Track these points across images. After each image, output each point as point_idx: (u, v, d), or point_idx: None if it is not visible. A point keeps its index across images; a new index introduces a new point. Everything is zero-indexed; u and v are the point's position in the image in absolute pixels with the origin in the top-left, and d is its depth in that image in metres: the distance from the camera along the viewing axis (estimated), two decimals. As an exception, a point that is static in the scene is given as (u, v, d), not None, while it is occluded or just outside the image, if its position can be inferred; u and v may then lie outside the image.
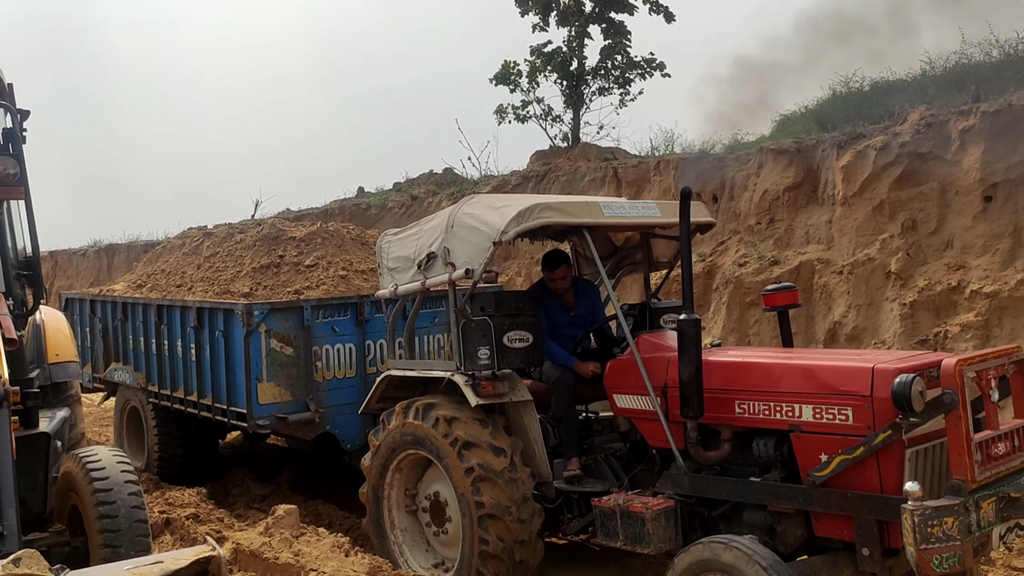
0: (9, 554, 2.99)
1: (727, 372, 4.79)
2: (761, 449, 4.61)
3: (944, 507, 3.79)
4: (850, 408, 4.23)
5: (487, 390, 5.28)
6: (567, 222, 5.47)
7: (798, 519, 4.47)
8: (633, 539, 4.73)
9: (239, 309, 7.24)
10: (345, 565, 4.70)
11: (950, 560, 3.78)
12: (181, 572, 2.58)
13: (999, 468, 4.04)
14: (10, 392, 3.36)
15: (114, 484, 3.84)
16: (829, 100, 12.25)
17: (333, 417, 7.30)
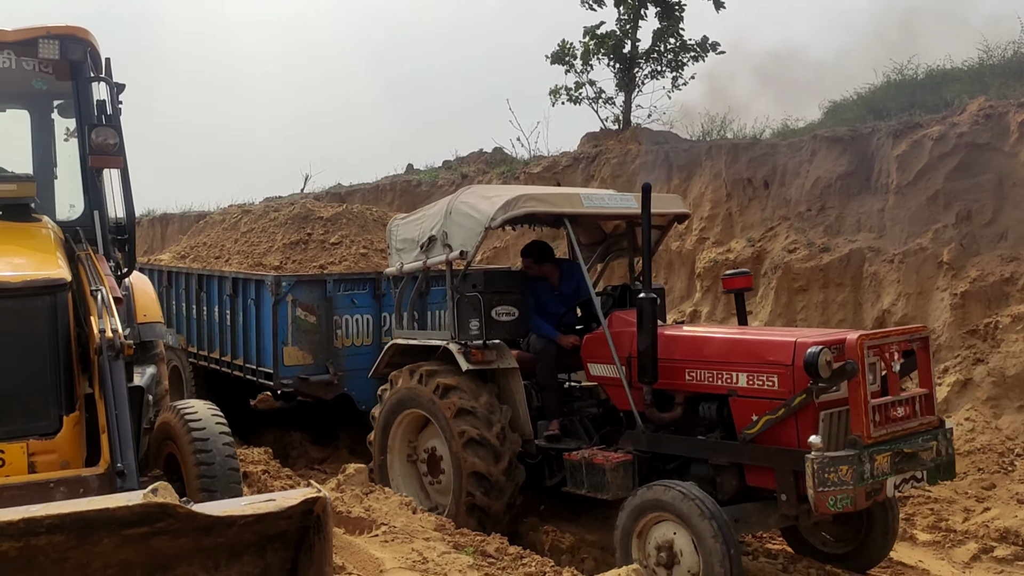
0: (129, 489, 3.32)
1: (680, 344, 5.53)
2: (706, 411, 5.35)
3: (840, 457, 4.52)
4: (776, 375, 4.94)
5: (477, 357, 6.02)
6: (549, 211, 6.23)
7: (734, 471, 5.19)
8: (595, 487, 5.44)
9: (269, 280, 8.07)
10: (413, 521, 4.99)
11: (843, 501, 4.49)
12: (292, 508, 2.85)
13: (896, 428, 4.77)
14: (125, 345, 3.67)
15: (210, 434, 4.15)
16: (882, 87, 12.20)
17: (351, 379, 8.10)
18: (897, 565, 5.65)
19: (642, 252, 5.68)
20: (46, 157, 6.31)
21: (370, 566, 4.26)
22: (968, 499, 6.69)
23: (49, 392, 3.74)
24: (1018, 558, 5.56)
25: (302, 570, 3.09)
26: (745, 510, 5.04)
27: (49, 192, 6.29)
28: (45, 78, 5.28)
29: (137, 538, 2.70)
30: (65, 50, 4.99)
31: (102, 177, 5.20)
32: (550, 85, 17.08)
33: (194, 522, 2.71)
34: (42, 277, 3.85)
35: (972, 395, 7.89)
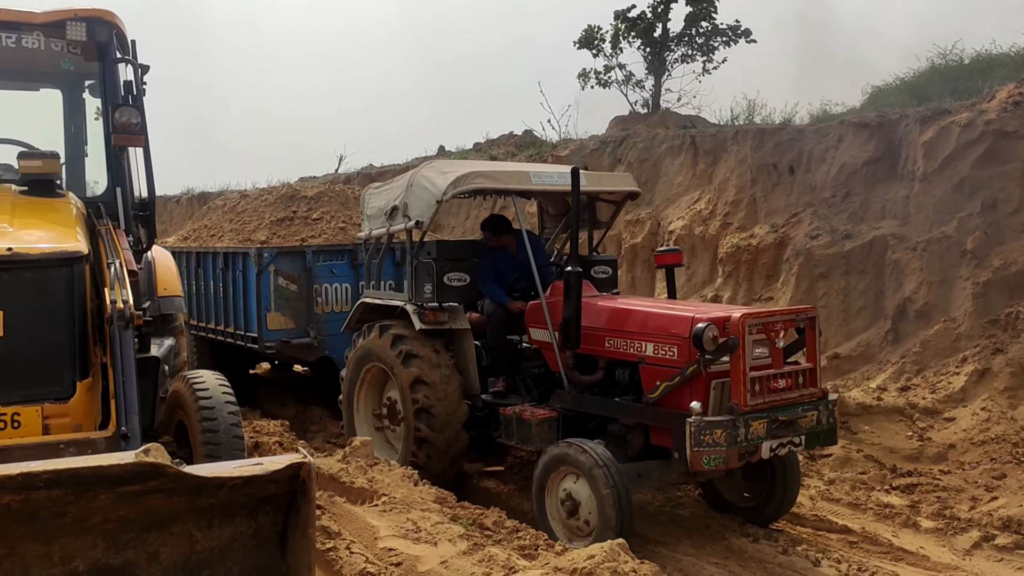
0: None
1: (603, 315, 6.06)
2: (621, 376, 5.91)
3: (715, 421, 5.06)
4: (675, 347, 5.48)
5: (429, 318, 6.59)
6: (495, 188, 6.79)
7: (640, 431, 5.75)
8: (523, 439, 6.09)
9: (253, 252, 8.88)
10: (414, 493, 5.15)
11: (716, 460, 5.03)
12: (278, 472, 3.00)
13: (775, 398, 5.27)
14: (135, 315, 3.85)
15: (216, 403, 4.34)
16: (925, 72, 12.01)
17: (331, 343, 8.82)
18: (897, 551, 5.67)
19: (571, 229, 6.14)
20: (77, 135, 6.55)
21: (366, 533, 4.43)
22: (978, 488, 6.67)
23: (64, 359, 3.93)
24: (1018, 546, 5.55)
25: (291, 532, 3.27)
26: (648, 466, 5.58)
27: (80, 169, 6.55)
28: (73, 59, 5.48)
29: (132, 495, 2.87)
30: (92, 32, 5.18)
31: (125, 155, 5.40)
32: (582, 69, 17.03)
33: (185, 482, 2.88)
34: (60, 249, 4.04)
35: (990, 385, 7.83)
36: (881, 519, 6.19)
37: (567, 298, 5.90)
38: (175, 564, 3.18)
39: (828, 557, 5.53)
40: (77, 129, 6.52)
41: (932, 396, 7.99)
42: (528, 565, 3.96)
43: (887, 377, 8.60)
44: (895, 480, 6.93)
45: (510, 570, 3.82)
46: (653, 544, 5.72)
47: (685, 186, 13.10)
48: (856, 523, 6.12)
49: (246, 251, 9.07)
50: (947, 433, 7.53)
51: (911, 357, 8.64)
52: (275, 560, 3.33)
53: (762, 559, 5.49)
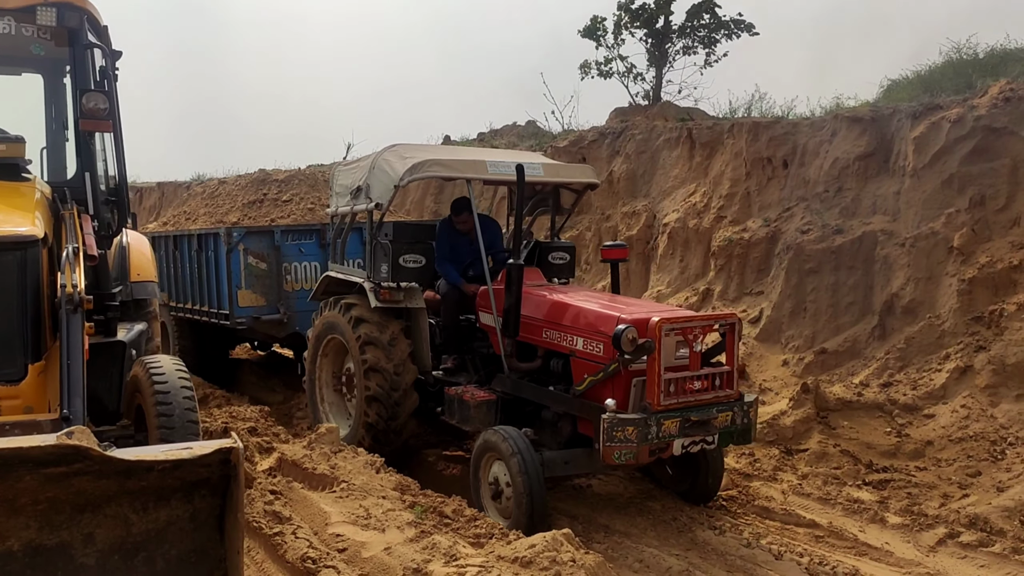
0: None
1: (542, 306, 6.30)
2: (555, 366, 6.18)
3: (627, 419, 5.26)
4: (601, 344, 5.69)
5: (385, 296, 6.88)
6: (450, 175, 7.16)
7: (569, 420, 5.99)
8: (462, 419, 6.40)
9: (222, 232, 9.19)
10: (374, 480, 5.19)
11: (627, 455, 5.23)
12: (208, 456, 3.03)
13: (689, 399, 5.50)
14: (84, 299, 3.89)
15: (171, 388, 4.38)
16: (940, 67, 11.87)
17: (300, 320, 9.08)
18: (862, 546, 5.67)
19: (514, 223, 6.34)
20: (58, 120, 6.60)
21: (317, 519, 4.47)
22: (950, 485, 6.65)
23: (16, 342, 3.99)
24: (982, 544, 5.53)
25: (226, 516, 3.31)
26: (576, 454, 5.83)
27: (60, 153, 6.60)
28: (43, 44, 5.51)
29: (59, 477, 2.91)
30: (62, 17, 5.21)
31: (94, 140, 5.44)
32: (584, 60, 16.94)
33: (111, 465, 2.92)
34: (14, 233, 4.08)
35: (971, 382, 7.78)
36: (850, 514, 6.18)
37: (508, 289, 6.16)
38: (111, 546, 3.23)
39: (791, 551, 5.54)
40: (58, 114, 6.58)
41: (913, 392, 7.95)
42: (472, 553, 3.99)
43: (870, 373, 8.56)
44: (868, 476, 6.91)
45: (451, 558, 3.85)
46: (618, 535, 5.74)
47: (681, 179, 13.05)
48: (824, 518, 6.12)
49: (216, 231, 9.36)
50: (926, 430, 7.49)
51: (895, 353, 8.60)
52: (213, 543, 3.37)
53: (724, 551, 5.51)
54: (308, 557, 3.87)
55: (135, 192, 28.85)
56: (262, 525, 4.36)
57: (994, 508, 5.94)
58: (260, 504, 4.59)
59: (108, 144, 5.69)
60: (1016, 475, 6.47)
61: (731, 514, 6.27)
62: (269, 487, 4.98)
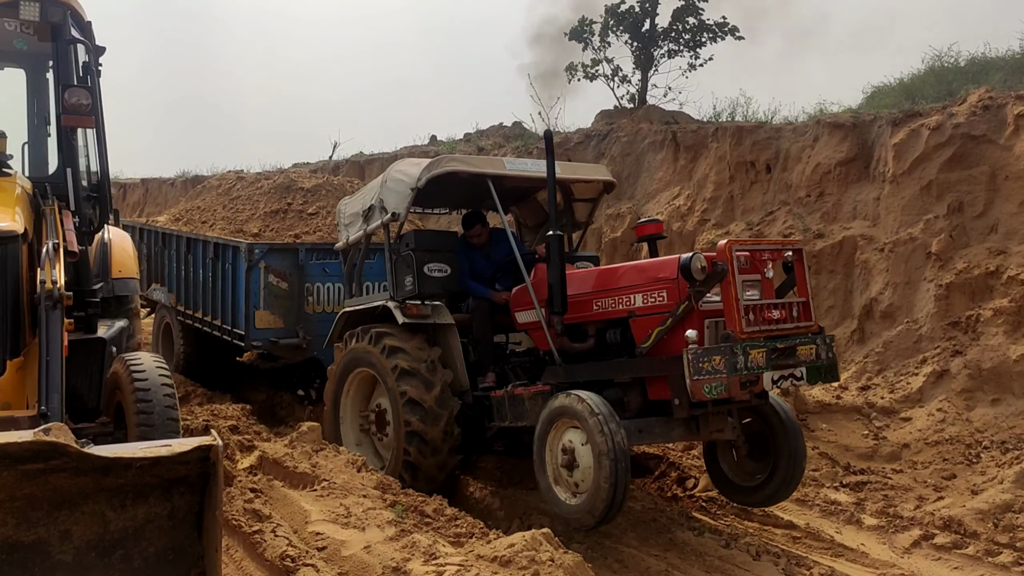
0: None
1: (588, 279, 6.00)
2: (612, 336, 5.78)
3: (712, 348, 4.96)
4: (664, 290, 5.40)
5: (412, 311, 6.38)
6: (469, 171, 6.55)
7: (637, 388, 5.58)
8: (517, 416, 5.90)
9: (243, 247, 8.50)
10: (355, 479, 5.19)
11: (717, 388, 4.88)
12: (186, 454, 3.04)
13: (771, 328, 5.14)
14: (64, 296, 3.87)
15: (152, 385, 4.36)
16: (923, 74, 12.01)
17: (320, 344, 8.29)
18: (838, 547, 5.73)
19: (548, 196, 6.02)
20: (41, 115, 6.56)
21: (297, 517, 4.48)
22: (926, 488, 6.73)
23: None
24: (956, 546, 5.61)
25: (204, 513, 3.31)
26: (649, 422, 5.41)
27: (43, 148, 6.56)
28: (26, 38, 5.49)
29: (35, 474, 2.91)
30: (45, 12, 5.18)
31: (76, 136, 5.41)
32: (570, 62, 17.00)
33: (88, 462, 2.92)
34: None
35: (947, 386, 7.88)
36: (826, 516, 6.25)
37: (551, 263, 5.77)
38: (88, 543, 3.22)
39: (768, 552, 5.59)
40: (40, 109, 6.54)
41: (890, 396, 8.04)
42: (451, 552, 4.01)
43: (849, 376, 8.64)
44: (846, 478, 6.99)
45: (431, 556, 3.87)
46: (597, 535, 5.77)
47: (666, 181, 13.13)
48: (801, 519, 6.19)
49: (237, 244, 8.71)
50: (902, 433, 7.58)
51: (873, 357, 8.69)
52: (191, 541, 3.37)
53: (703, 552, 5.55)
54: (287, 555, 3.87)
55: (119, 188, 28.63)
56: (241, 523, 4.36)
57: (968, 511, 6.03)
58: (240, 502, 4.58)
59: (90, 140, 5.66)
60: (990, 478, 6.56)
61: (710, 515, 6.32)
62: (249, 485, 4.98)
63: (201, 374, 9.75)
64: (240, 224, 9.68)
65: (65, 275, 4.11)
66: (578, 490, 5.17)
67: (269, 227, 9.44)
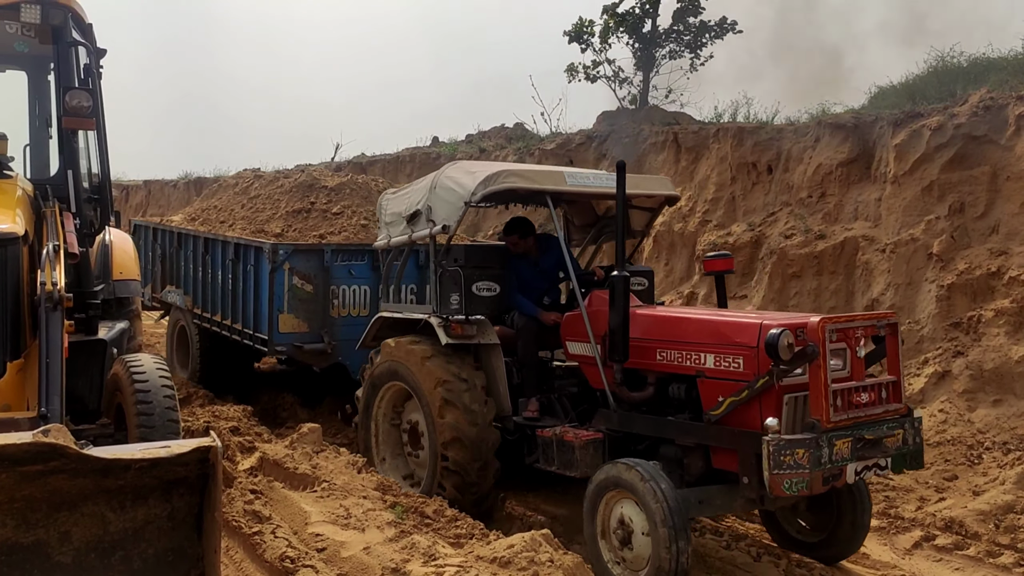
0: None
1: (652, 324, 5.49)
2: (675, 392, 5.34)
3: (796, 440, 4.47)
4: (741, 357, 4.92)
5: (456, 331, 5.96)
6: (529, 187, 6.14)
7: (699, 453, 5.15)
8: (565, 464, 5.47)
9: (267, 248, 8.09)
10: (355, 480, 5.20)
11: (798, 484, 4.44)
12: (184, 456, 3.04)
13: (859, 414, 4.67)
14: (64, 297, 3.88)
15: (152, 387, 4.37)
16: (925, 75, 11.98)
17: (345, 350, 8.06)
18: (839, 549, 5.72)
19: (616, 230, 5.59)
20: (42, 117, 6.58)
21: (297, 518, 4.48)
22: (927, 489, 6.72)
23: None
24: (957, 547, 5.61)
25: (204, 514, 3.32)
26: (710, 492, 5.00)
27: (44, 150, 6.58)
28: (27, 41, 5.49)
29: (35, 475, 2.92)
30: (46, 15, 5.18)
31: (77, 138, 5.42)
32: (570, 63, 17.01)
33: (88, 463, 2.93)
34: None
35: (948, 387, 7.87)
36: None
37: (613, 306, 5.35)
38: (87, 544, 3.23)
39: (769, 553, 5.59)
40: (42, 111, 6.56)
41: (892, 397, 8.02)
42: (451, 553, 4.01)
43: (850, 377, 8.62)
44: (847, 479, 6.96)
45: (430, 557, 3.87)
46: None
47: (667, 182, 13.12)
48: (802, 521, 6.16)
49: (260, 245, 8.31)
50: (904, 434, 7.56)
51: (875, 358, 8.67)
52: (191, 543, 3.38)
53: (704, 554, 5.55)
54: (287, 556, 3.88)
55: (121, 190, 28.67)
56: (241, 524, 4.36)
57: (970, 512, 6.02)
58: (240, 503, 4.59)
59: (91, 142, 5.68)
60: (992, 479, 6.55)
61: (711, 516, 6.31)
62: (250, 486, 4.98)
63: (218, 379, 9.43)
64: (261, 224, 9.26)
65: (66, 277, 4.11)
66: (637, 567, 4.77)
67: (292, 227, 9.05)
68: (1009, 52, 11.01)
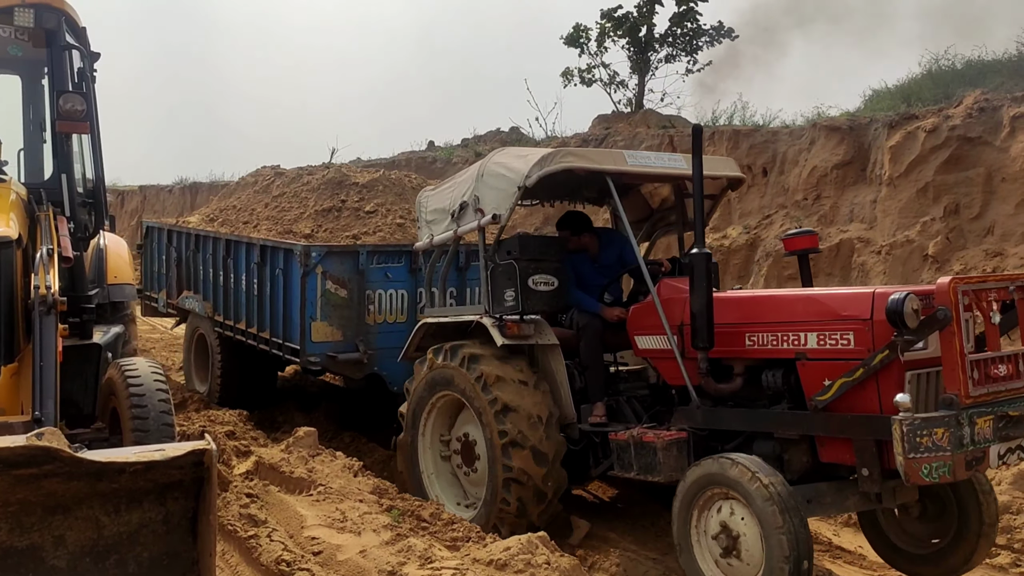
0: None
1: (738, 307, 4.94)
2: (770, 380, 4.73)
3: (934, 418, 3.89)
4: (852, 332, 4.32)
5: (512, 331, 5.47)
6: (588, 167, 5.58)
7: (804, 446, 4.59)
8: (645, 469, 4.87)
9: (298, 250, 7.45)
10: (351, 483, 5.18)
11: (940, 470, 3.86)
12: (180, 458, 3.03)
13: (999, 388, 4.09)
14: (58, 301, 3.87)
15: (147, 391, 4.34)
16: (919, 77, 12.03)
17: (382, 359, 7.50)
18: (836, 549, 5.72)
19: (694, 202, 5.02)
20: (36, 121, 6.57)
21: (293, 522, 4.47)
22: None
23: None
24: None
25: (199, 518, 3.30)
26: (819, 490, 4.42)
27: (38, 155, 6.57)
28: (21, 45, 5.49)
29: (29, 479, 2.90)
30: (40, 19, 5.18)
31: (71, 142, 5.42)
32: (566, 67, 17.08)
33: (81, 467, 2.91)
34: None
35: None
36: (824, 519, 6.22)
37: (695, 288, 4.77)
38: (82, 548, 3.21)
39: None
40: (35, 115, 6.55)
41: (888, 399, 8.03)
42: (447, 556, 4.00)
43: (847, 379, 8.64)
44: (844, 481, 6.95)
45: (427, 560, 3.86)
46: (595, 539, 5.76)
47: (662, 185, 13.15)
48: (799, 522, 6.14)
49: (290, 247, 7.68)
50: (900, 436, 7.56)
51: (871, 360, 8.69)
52: (186, 546, 3.36)
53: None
54: (283, 560, 3.86)
55: (117, 195, 28.66)
56: (237, 528, 4.35)
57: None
58: (236, 507, 4.57)
59: (85, 146, 5.68)
60: (989, 479, 6.54)
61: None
62: (245, 490, 4.97)
63: (242, 391, 8.87)
64: (288, 224, 8.61)
65: (60, 281, 4.10)
66: (752, 572, 4.19)
67: (322, 227, 8.40)
68: (1003, 54, 11.08)
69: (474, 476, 5.73)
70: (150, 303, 10.63)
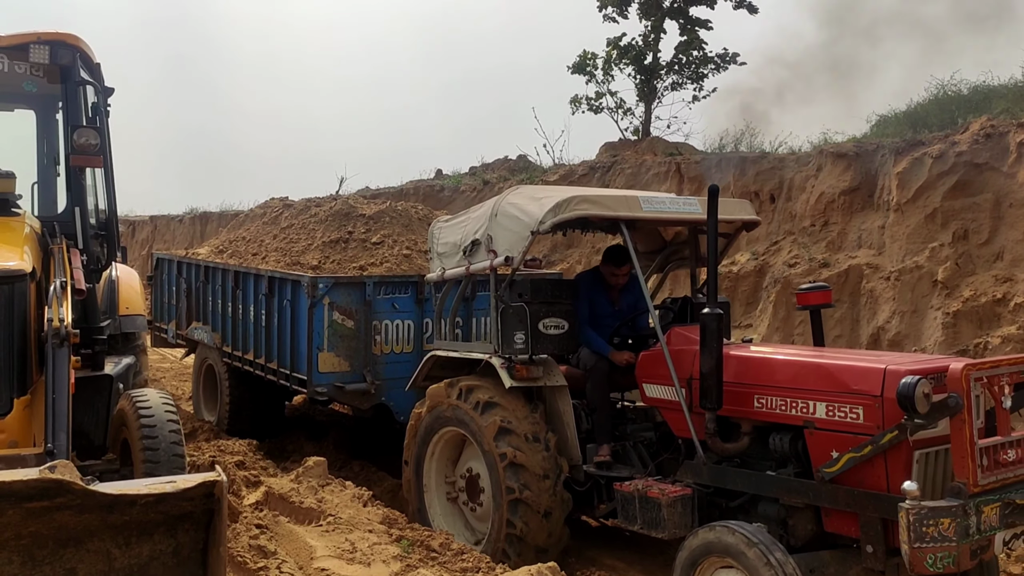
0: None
1: (748, 367, 4.89)
2: (777, 444, 4.71)
3: (941, 508, 3.86)
4: (861, 407, 4.30)
5: (522, 374, 5.49)
6: (603, 215, 5.62)
7: (809, 514, 4.58)
8: (650, 523, 4.87)
9: (305, 281, 7.55)
10: (361, 513, 5.18)
11: (944, 560, 3.83)
12: (191, 490, 3.04)
13: (1007, 475, 4.06)
14: (71, 333, 3.90)
15: (158, 422, 4.37)
16: (926, 103, 12.07)
17: (389, 389, 7.58)
18: None
19: (707, 262, 5.09)
20: (50, 155, 6.66)
21: (303, 553, 4.46)
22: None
23: (1, 376, 4.00)
24: None
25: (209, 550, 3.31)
26: (822, 559, 4.40)
27: (52, 188, 6.65)
28: (36, 81, 5.59)
29: (41, 512, 2.92)
30: (55, 55, 5.28)
31: (84, 175, 5.49)
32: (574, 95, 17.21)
33: (93, 499, 2.92)
34: (2, 268, 4.12)
35: (957, 415, 7.82)
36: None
37: (705, 347, 4.76)
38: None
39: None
40: (50, 149, 6.64)
41: (900, 425, 7.98)
42: (457, 587, 3.98)
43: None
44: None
45: (436, 592, 3.85)
46: (605, 569, 5.73)
47: (670, 212, 13.18)
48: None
49: (297, 278, 7.78)
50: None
51: (882, 386, 8.65)
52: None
53: None
54: (292, 592, 3.86)
55: (128, 225, 28.88)
56: (247, 559, 4.34)
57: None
58: (245, 538, 4.57)
59: (99, 179, 5.75)
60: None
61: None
62: (255, 521, 4.96)
63: (251, 420, 8.97)
64: (296, 256, 8.78)
65: (73, 313, 4.14)
66: None
67: (329, 258, 8.56)
68: (1009, 80, 11.13)
69: (480, 511, 5.75)
70: (160, 333, 10.75)
